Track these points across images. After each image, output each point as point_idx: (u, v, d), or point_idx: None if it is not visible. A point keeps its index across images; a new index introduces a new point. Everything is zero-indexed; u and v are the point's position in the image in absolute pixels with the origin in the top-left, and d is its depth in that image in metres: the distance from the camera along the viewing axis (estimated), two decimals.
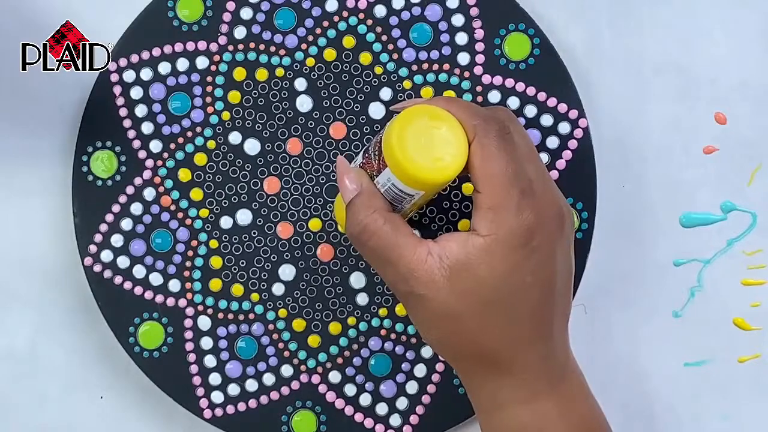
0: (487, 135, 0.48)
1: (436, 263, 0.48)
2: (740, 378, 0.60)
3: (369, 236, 0.49)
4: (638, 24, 0.61)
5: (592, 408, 0.52)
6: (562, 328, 0.51)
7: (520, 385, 0.50)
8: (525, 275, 0.48)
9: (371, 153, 0.50)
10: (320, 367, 0.59)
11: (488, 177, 0.48)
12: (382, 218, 0.49)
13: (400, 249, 0.49)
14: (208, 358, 0.59)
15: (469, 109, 0.49)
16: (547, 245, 0.48)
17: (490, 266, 0.48)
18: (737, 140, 0.61)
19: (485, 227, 0.48)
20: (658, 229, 0.61)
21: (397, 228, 0.49)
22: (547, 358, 0.50)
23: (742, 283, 0.61)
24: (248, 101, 0.60)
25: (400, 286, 0.49)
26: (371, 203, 0.49)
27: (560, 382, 0.50)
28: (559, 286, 0.50)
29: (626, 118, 0.61)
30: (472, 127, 0.48)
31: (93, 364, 0.61)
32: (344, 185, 0.50)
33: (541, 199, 0.48)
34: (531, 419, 0.50)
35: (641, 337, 0.61)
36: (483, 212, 0.48)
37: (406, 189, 0.49)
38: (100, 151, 0.60)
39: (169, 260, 0.59)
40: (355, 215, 0.50)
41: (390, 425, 0.59)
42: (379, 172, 0.49)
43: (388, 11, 0.60)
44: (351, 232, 0.50)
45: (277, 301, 0.59)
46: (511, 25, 0.59)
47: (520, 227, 0.48)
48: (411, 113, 0.48)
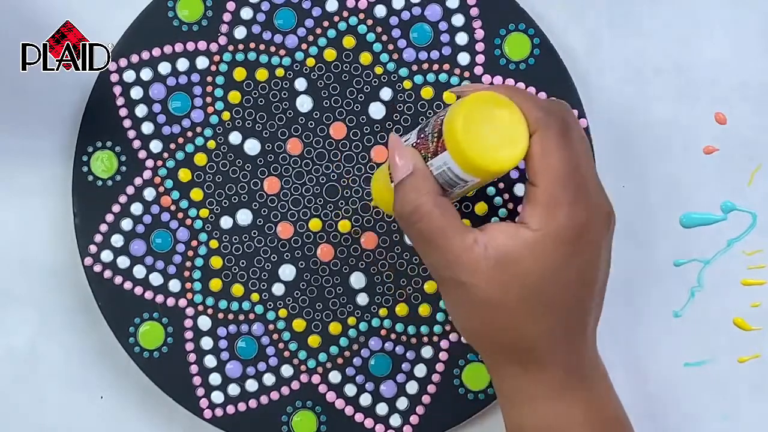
0: (548, 129, 0.48)
1: (481, 252, 0.48)
2: (740, 378, 0.60)
3: (419, 218, 0.49)
4: (638, 24, 0.61)
5: (616, 407, 0.52)
6: (594, 327, 0.51)
7: (551, 380, 0.50)
8: (570, 272, 0.48)
9: (428, 134, 0.49)
10: (320, 367, 0.59)
11: (546, 171, 0.48)
12: (432, 201, 0.49)
13: (447, 234, 0.48)
14: (208, 358, 0.59)
15: (532, 100, 0.49)
16: (594, 245, 0.49)
17: (536, 260, 0.48)
18: (737, 140, 0.61)
19: (537, 221, 0.48)
20: (658, 229, 0.61)
21: (447, 213, 0.49)
22: (580, 356, 0.50)
23: (742, 283, 0.61)
24: (248, 101, 0.60)
25: (443, 271, 0.49)
26: (424, 185, 0.49)
27: (588, 380, 0.51)
28: (599, 286, 0.50)
29: (626, 118, 0.61)
30: (535, 119, 0.48)
31: (93, 364, 0.61)
32: (396, 163, 0.50)
33: (593, 199, 0.49)
34: (557, 415, 0.50)
35: (641, 337, 0.61)
36: (536, 206, 0.48)
37: (462, 175, 0.48)
38: (100, 151, 0.60)
39: (169, 260, 0.59)
40: (406, 195, 0.49)
41: (390, 425, 0.59)
42: (435, 155, 0.49)
43: (388, 11, 0.60)
44: (400, 211, 0.49)
45: (277, 301, 0.59)
46: (511, 25, 0.59)
47: (572, 225, 0.48)
48: (477, 99, 0.48)
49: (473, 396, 0.59)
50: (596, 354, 0.52)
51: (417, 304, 0.59)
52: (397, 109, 0.59)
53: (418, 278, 0.59)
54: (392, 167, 0.50)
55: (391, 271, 0.59)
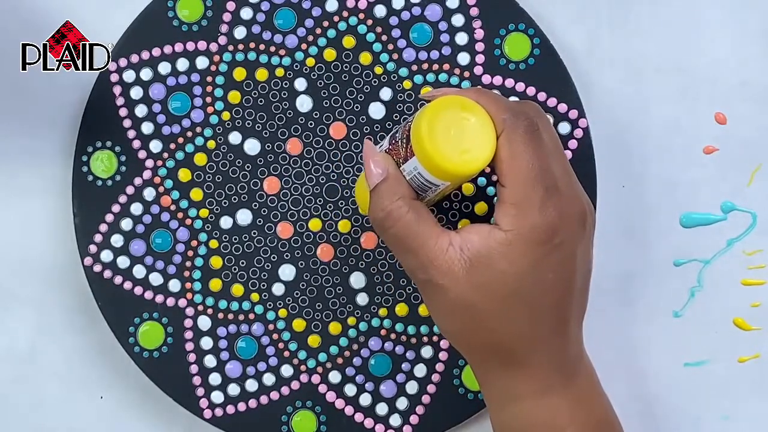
0: (515, 130, 0.48)
1: (456, 254, 0.48)
2: (740, 378, 0.60)
3: (392, 223, 0.49)
4: (638, 24, 0.61)
5: (604, 405, 0.52)
6: (578, 325, 0.51)
7: (533, 379, 0.50)
8: (545, 272, 0.48)
9: (398, 140, 0.50)
10: (320, 367, 0.59)
11: (514, 172, 0.48)
12: (406, 206, 0.49)
13: (422, 237, 0.49)
14: (208, 358, 0.59)
15: (498, 102, 0.49)
16: (569, 243, 0.49)
17: (510, 261, 0.48)
18: (737, 140, 0.61)
19: (508, 222, 0.48)
20: (658, 229, 0.61)
21: (421, 216, 0.49)
22: (562, 354, 0.50)
23: (742, 283, 0.61)
24: (248, 101, 0.60)
25: (420, 274, 0.49)
26: (397, 190, 0.49)
27: (573, 378, 0.51)
28: (578, 285, 0.50)
29: (626, 118, 0.61)
30: (501, 120, 0.48)
31: (93, 364, 0.61)
32: (370, 169, 0.50)
33: (565, 197, 0.49)
34: (543, 414, 0.50)
35: (641, 337, 0.61)
36: (506, 207, 0.48)
37: (432, 179, 0.49)
38: (100, 151, 0.60)
39: (169, 260, 0.59)
40: (379, 201, 0.50)
41: (390, 425, 0.59)
42: (406, 160, 0.49)
43: (388, 11, 0.60)
44: (374, 217, 0.50)
45: (277, 301, 0.59)
46: (511, 25, 0.59)
47: (543, 224, 0.48)
48: (442, 103, 0.48)
49: (473, 396, 0.59)
50: (581, 353, 0.52)
51: (417, 304, 0.59)
52: (397, 109, 0.59)
53: None
54: (367, 174, 0.50)
55: (391, 271, 0.59)
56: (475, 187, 0.59)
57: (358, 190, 0.55)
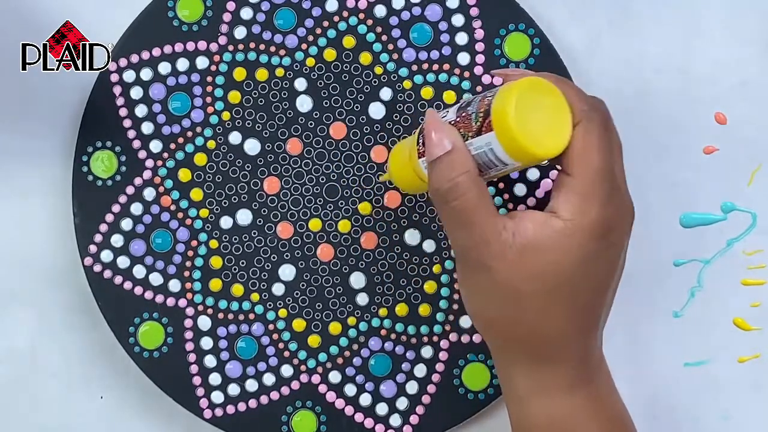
0: (591, 122, 0.48)
1: (509, 239, 0.48)
2: (740, 378, 0.60)
3: (456, 196, 0.48)
4: (638, 24, 0.61)
5: (620, 404, 0.52)
6: (603, 326, 0.51)
7: (559, 375, 0.50)
8: (594, 267, 0.48)
9: (471, 113, 0.49)
10: (320, 367, 0.59)
11: (585, 164, 0.48)
12: (471, 181, 0.48)
13: (481, 216, 0.48)
14: (208, 358, 0.59)
15: (578, 92, 0.49)
16: (619, 243, 0.49)
17: (563, 252, 0.47)
18: (737, 140, 0.61)
19: (569, 211, 0.48)
20: (658, 229, 0.61)
21: (483, 194, 0.48)
22: (589, 352, 0.50)
23: (742, 283, 0.61)
24: (248, 101, 0.60)
25: (471, 252, 0.49)
26: (464, 163, 0.48)
27: (596, 376, 0.51)
28: (614, 286, 0.50)
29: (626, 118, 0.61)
30: (580, 111, 0.48)
31: (93, 364, 0.61)
32: (433, 140, 0.49)
33: (623, 197, 0.49)
34: (564, 410, 0.50)
35: (641, 337, 0.61)
36: (570, 196, 0.48)
37: (505, 158, 0.48)
38: (100, 151, 0.60)
39: (169, 260, 0.59)
40: (446, 172, 0.48)
41: (390, 425, 0.59)
42: (478, 134, 0.48)
43: (388, 11, 0.60)
44: (438, 187, 0.49)
45: (277, 301, 0.59)
46: (511, 25, 0.59)
47: (604, 220, 0.48)
48: (528, 84, 0.47)
49: (473, 396, 0.59)
50: (602, 352, 0.52)
51: (417, 304, 0.59)
52: (397, 109, 0.59)
53: (418, 278, 0.59)
54: (428, 143, 0.49)
55: (391, 271, 0.59)
56: None
57: (395, 158, 0.54)
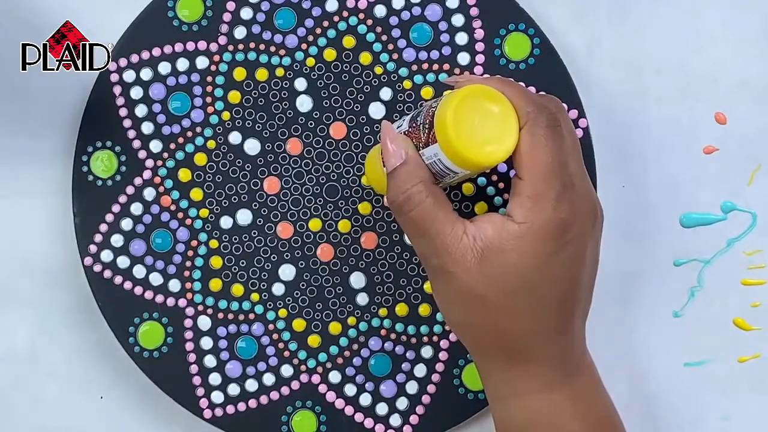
0: (537, 124, 0.48)
1: (470, 243, 0.48)
2: (740, 378, 0.60)
3: (412, 207, 0.49)
4: (638, 24, 0.61)
5: (605, 402, 0.52)
6: (582, 322, 0.52)
7: (536, 375, 0.50)
8: (554, 267, 0.48)
9: (419, 124, 0.50)
10: (320, 367, 0.59)
11: (533, 166, 0.48)
12: (426, 190, 0.49)
13: (438, 223, 0.49)
14: (208, 358, 0.59)
15: (523, 94, 0.49)
16: (579, 240, 0.49)
17: (520, 254, 0.48)
18: (737, 140, 0.61)
19: (522, 215, 0.48)
20: (658, 229, 0.61)
21: (439, 202, 0.49)
22: (565, 350, 0.50)
23: (742, 283, 0.61)
24: (248, 101, 0.60)
25: (432, 259, 0.49)
26: (417, 173, 0.49)
27: (576, 375, 0.51)
28: (585, 281, 0.50)
29: (626, 118, 0.61)
30: (525, 113, 0.48)
31: (93, 364, 0.61)
32: (389, 151, 0.50)
33: (579, 194, 0.49)
34: (544, 409, 0.50)
35: (641, 337, 0.61)
36: (521, 199, 0.48)
37: (452, 167, 0.49)
38: (100, 151, 0.60)
39: (169, 260, 0.59)
40: (400, 184, 0.49)
41: (390, 425, 0.59)
42: (427, 145, 0.49)
43: (388, 11, 0.60)
44: (393, 199, 0.50)
45: (277, 301, 0.59)
46: (511, 25, 0.59)
47: (557, 219, 0.48)
48: (468, 93, 0.48)
49: (473, 396, 0.59)
50: (584, 350, 0.52)
51: (417, 304, 0.59)
52: (397, 109, 0.59)
53: (418, 278, 0.59)
54: (385, 154, 0.50)
55: (391, 271, 0.59)
56: (475, 187, 0.59)
57: (369, 163, 0.55)
